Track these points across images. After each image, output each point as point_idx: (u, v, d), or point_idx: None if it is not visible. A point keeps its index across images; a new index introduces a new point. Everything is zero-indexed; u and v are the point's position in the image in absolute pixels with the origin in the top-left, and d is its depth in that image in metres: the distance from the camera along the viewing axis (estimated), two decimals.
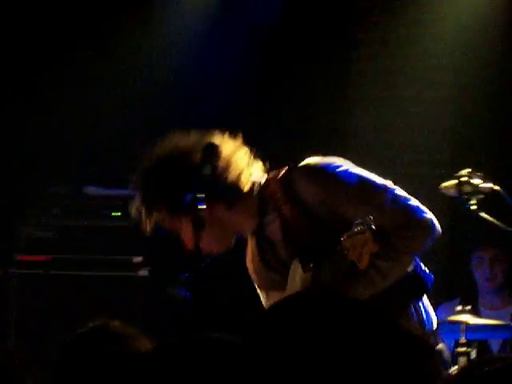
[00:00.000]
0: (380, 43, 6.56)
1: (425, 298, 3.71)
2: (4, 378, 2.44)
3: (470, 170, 4.61)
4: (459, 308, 5.24)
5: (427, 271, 3.63)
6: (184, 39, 6.70)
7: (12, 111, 6.85)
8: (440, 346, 3.63)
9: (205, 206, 3.59)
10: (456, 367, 4.13)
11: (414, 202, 3.66)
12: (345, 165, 3.70)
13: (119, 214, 6.25)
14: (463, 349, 4.95)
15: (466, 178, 4.58)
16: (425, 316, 3.34)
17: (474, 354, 4.86)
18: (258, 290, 3.98)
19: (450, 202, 5.27)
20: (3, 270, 5.95)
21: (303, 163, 3.74)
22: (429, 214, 3.64)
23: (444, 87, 6.35)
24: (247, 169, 3.77)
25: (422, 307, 3.40)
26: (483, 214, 4.65)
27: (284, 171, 3.77)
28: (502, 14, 6.38)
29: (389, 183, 3.62)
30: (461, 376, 2.20)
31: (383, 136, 6.63)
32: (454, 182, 4.61)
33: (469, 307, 5.24)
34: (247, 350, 1.68)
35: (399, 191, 3.64)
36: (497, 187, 4.56)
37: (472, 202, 4.57)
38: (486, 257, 6.03)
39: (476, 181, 4.56)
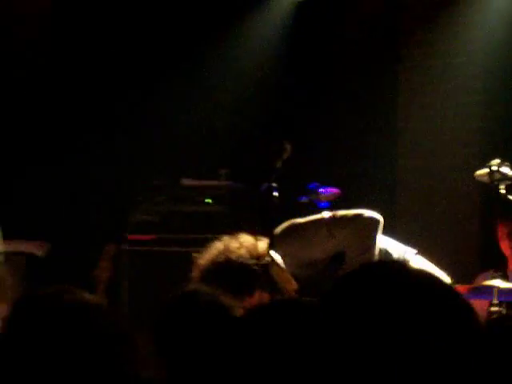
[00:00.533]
0: (421, 58, 7.12)
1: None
2: (116, 334, 2.56)
3: (499, 160, 5.06)
4: (492, 274, 5.82)
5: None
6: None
7: (126, 115, 7.59)
8: None
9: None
10: None
11: (349, 212, 4.42)
12: (285, 224, 4.44)
13: (210, 200, 6.85)
14: (496, 308, 5.20)
15: (495, 167, 5.07)
16: None
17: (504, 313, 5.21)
18: None
19: (483, 187, 5.76)
20: (117, 247, 6.46)
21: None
22: (365, 214, 4.37)
23: (475, 93, 6.88)
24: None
25: None
26: (511, 197, 5.19)
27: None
28: None
29: (324, 213, 4.38)
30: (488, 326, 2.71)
31: (427, 135, 7.06)
32: (486, 170, 5.12)
33: (500, 273, 5.74)
34: (325, 312, 1.76)
35: (337, 212, 4.39)
36: None
37: (501, 186, 5.09)
38: (506, 230, 6.27)
39: (504, 169, 5.03)
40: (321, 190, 5.48)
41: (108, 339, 2.52)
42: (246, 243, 4.45)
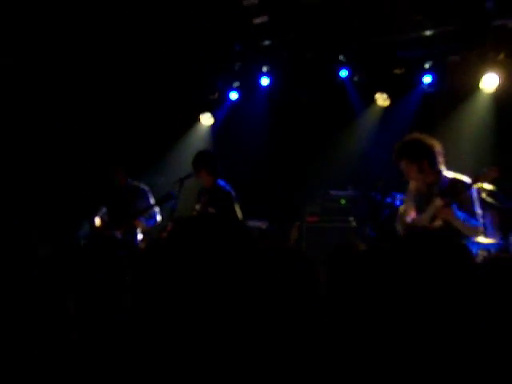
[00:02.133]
0: (448, 130, 8.84)
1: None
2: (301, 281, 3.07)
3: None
4: None
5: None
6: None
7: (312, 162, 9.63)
8: None
9: (423, 161, 5.67)
10: None
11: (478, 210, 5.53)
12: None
13: (344, 201, 8.97)
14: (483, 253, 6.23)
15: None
16: None
17: None
18: (409, 206, 5.81)
19: None
20: (301, 223, 8.54)
21: (464, 180, 5.56)
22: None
23: (469, 144, 8.83)
24: (441, 159, 5.69)
25: None
26: (488, 199, 6.60)
27: (456, 177, 5.62)
28: None
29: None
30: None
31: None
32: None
33: None
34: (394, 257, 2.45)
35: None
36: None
37: (483, 193, 6.48)
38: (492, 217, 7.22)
39: (486, 185, 6.47)
40: (398, 195, 7.66)
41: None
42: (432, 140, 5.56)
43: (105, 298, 3.09)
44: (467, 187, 5.67)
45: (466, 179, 5.71)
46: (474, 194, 5.75)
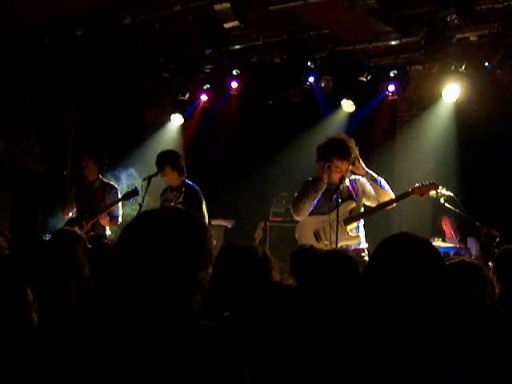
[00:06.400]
0: (407, 134, 9.25)
1: None
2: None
3: (441, 186, 6.24)
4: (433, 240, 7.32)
5: None
6: None
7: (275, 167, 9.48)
8: None
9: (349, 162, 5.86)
10: None
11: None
12: None
13: None
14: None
15: (440, 189, 6.26)
16: None
17: None
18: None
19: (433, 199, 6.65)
20: (264, 223, 8.72)
21: (358, 178, 6.01)
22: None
23: (429, 152, 8.86)
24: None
25: None
26: (446, 204, 6.46)
27: (355, 177, 5.99)
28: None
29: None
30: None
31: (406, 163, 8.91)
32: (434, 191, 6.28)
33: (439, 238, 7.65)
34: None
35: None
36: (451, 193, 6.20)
37: (441, 199, 6.35)
38: (445, 220, 8.13)
39: (443, 191, 6.28)
40: None
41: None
42: None
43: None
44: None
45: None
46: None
